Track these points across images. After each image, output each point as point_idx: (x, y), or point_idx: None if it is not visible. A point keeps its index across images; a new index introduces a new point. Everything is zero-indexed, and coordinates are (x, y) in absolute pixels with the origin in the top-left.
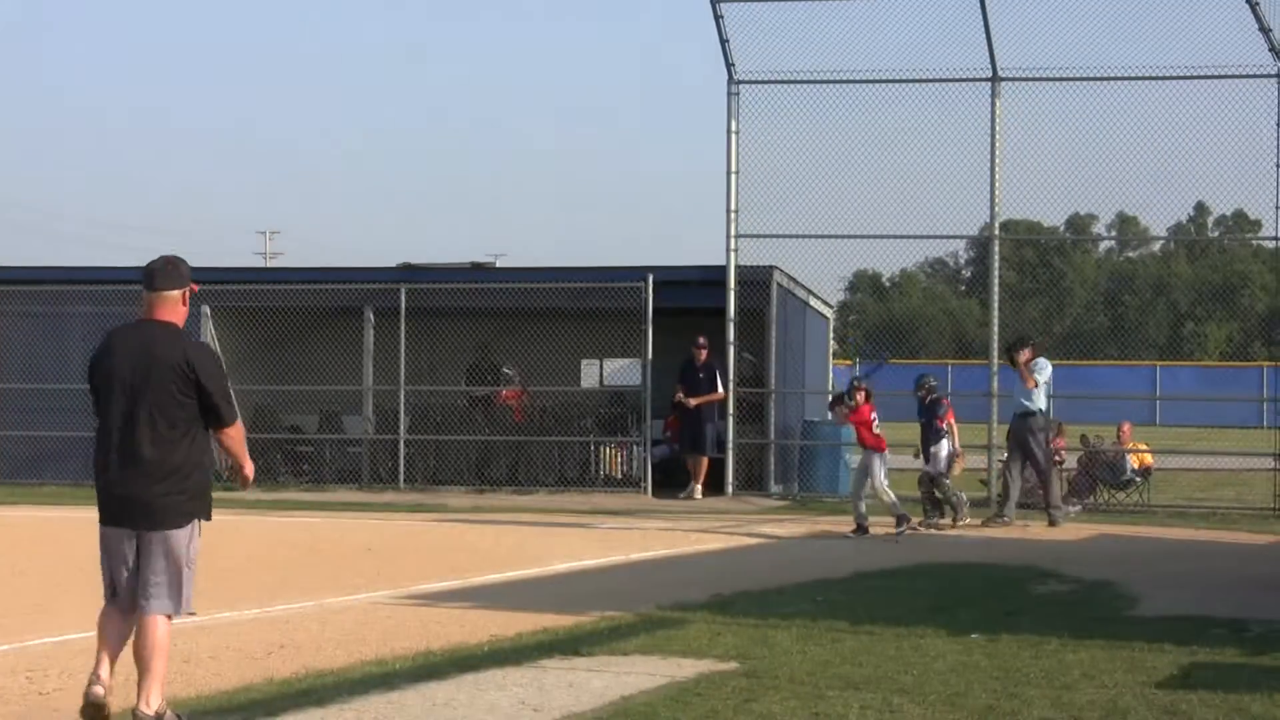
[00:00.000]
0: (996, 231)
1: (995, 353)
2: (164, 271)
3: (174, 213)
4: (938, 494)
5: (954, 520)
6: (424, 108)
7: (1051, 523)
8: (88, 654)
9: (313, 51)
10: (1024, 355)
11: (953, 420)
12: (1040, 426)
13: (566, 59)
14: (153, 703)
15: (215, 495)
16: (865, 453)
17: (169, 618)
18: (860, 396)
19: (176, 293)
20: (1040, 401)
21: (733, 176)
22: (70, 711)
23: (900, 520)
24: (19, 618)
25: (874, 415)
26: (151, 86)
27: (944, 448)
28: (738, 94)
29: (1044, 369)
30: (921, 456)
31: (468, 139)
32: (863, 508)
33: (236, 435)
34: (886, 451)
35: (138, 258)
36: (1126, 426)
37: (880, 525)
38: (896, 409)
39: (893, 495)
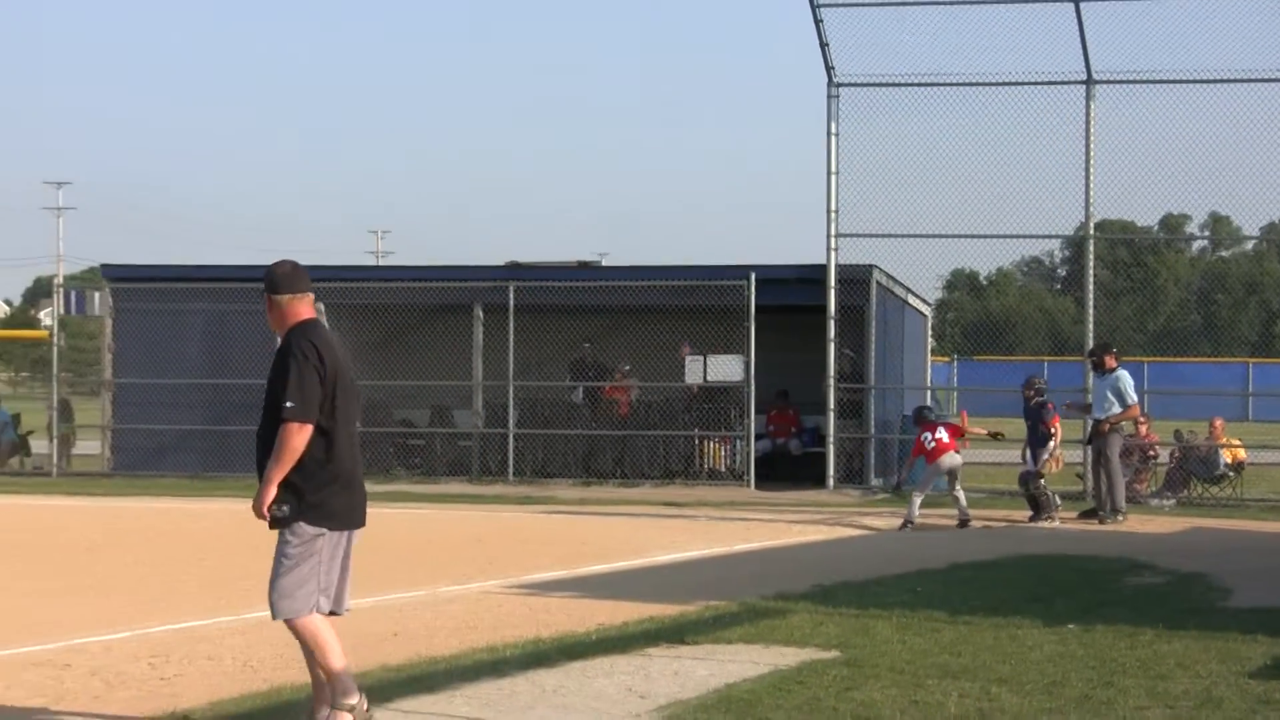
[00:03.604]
0: (1091, 231)
1: (1088, 350)
2: (306, 273)
3: (288, 212)
4: (1032, 491)
5: (1048, 517)
6: (529, 111)
7: (1101, 521)
8: (207, 640)
9: (422, 60)
10: (1109, 361)
11: (1058, 424)
12: (1115, 431)
13: (672, 64)
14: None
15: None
16: (939, 459)
17: None
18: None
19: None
20: (1115, 411)
21: (833, 177)
22: (190, 696)
23: (906, 524)
24: (140, 606)
25: (925, 435)
26: (272, 93)
27: (1049, 450)
28: (837, 96)
29: (1127, 381)
30: (1029, 456)
31: (574, 140)
32: (963, 501)
33: None
34: (940, 460)
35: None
36: (1219, 422)
37: (936, 518)
38: (992, 403)
39: (917, 499)
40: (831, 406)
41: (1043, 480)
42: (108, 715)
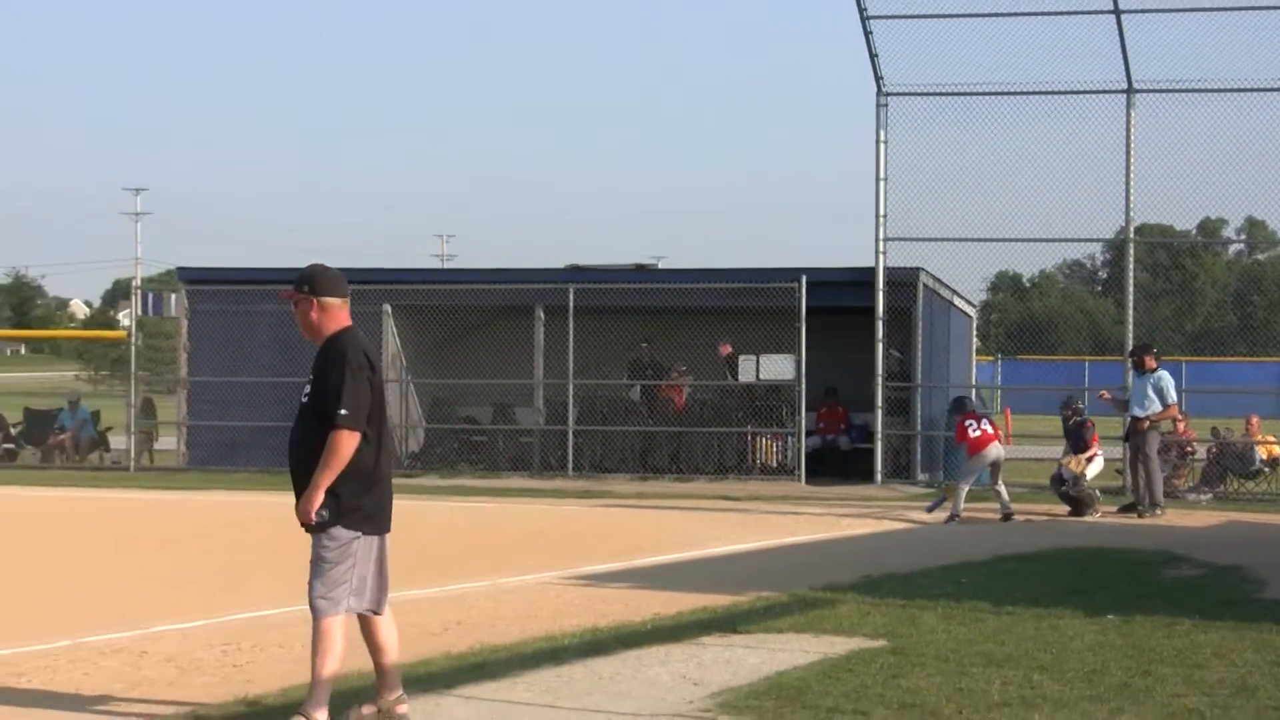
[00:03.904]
0: (1131, 235)
1: (1129, 350)
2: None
3: (355, 216)
4: (1073, 493)
5: (1091, 512)
6: (590, 120)
7: (1140, 515)
8: (279, 629)
9: (487, 71)
10: (1149, 362)
11: (1097, 441)
12: (1153, 428)
13: (726, 74)
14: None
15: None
16: (984, 450)
17: None
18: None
19: None
20: (1155, 409)
21: (881, 183)
22: (263, 683)
23: (952, 517)
24: (214, 595)
25: (969, 424)
26: (340, 106)
27: (1094, 467)
28: (886, 105)
29: (1167, 381)
30: (1066, 470)
31: (634, 147)
32: (1005, 495)
33: None
34: (984, 452)
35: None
36: (1255, 419)
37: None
38: (1035, 401)
39: (963, 491)
40: (879, 404)
41: (1082, 480)
42: (183, 700)
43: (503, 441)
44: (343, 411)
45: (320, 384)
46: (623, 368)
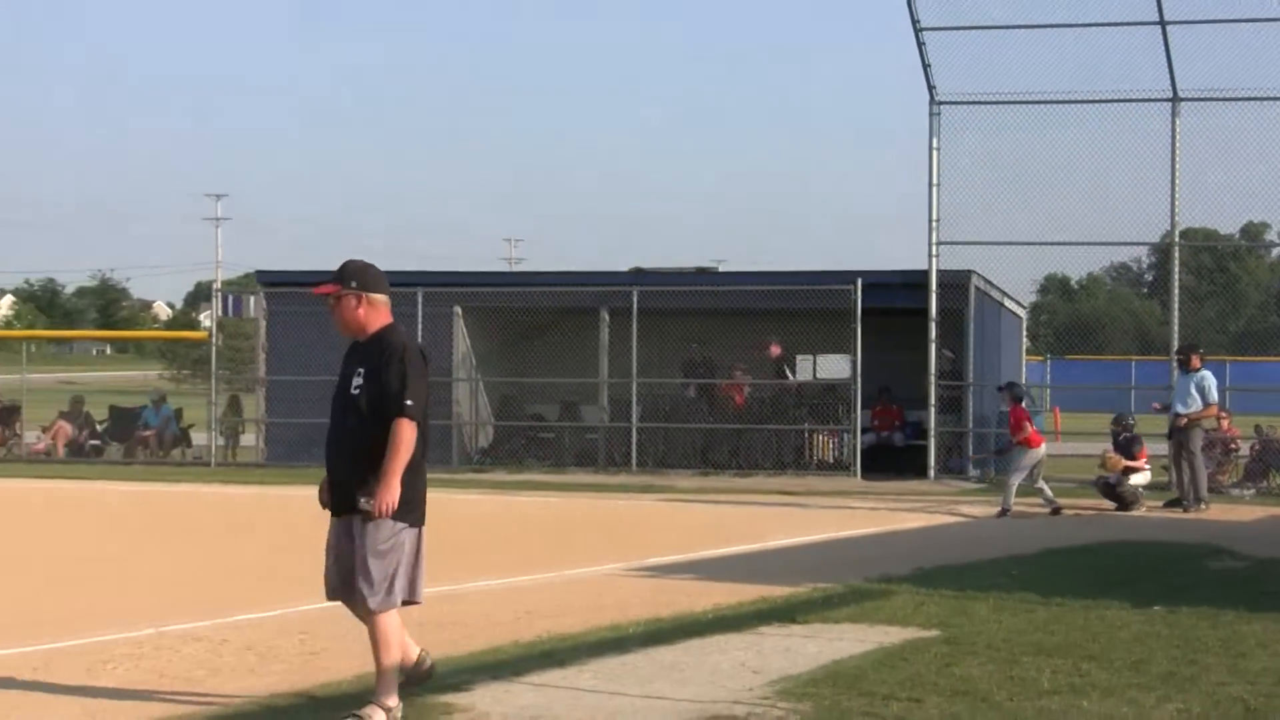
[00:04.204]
0: (1176, 239)
1: (1175, 349)
2: None
3: (424, 221)
4: (1119, 491)
5: (1134, 508)
6: (654, 129)
7: (1185, 510)
8: (353, 619)
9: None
10: (1194, 362)
11: (1145, 455)
12: (1196, 426)
13: (785, 84)
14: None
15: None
16: (1037, 446)
17: None
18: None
19: None
20: (1196, 408)
21: (934, 189)
22: (338, 670)
23: (1003, 511)
24: (289, 586)
25: (1026, 423)
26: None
27: (1139, 478)
28: (938, 114)
29: (1210, 380)
30: (1113, 476)
31: (695, 155)
32: (1048, 491)
33: None
34: (1038, 448)
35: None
36: None
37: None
38: (1081, 400)
39: (1014, 486)
40: (932, 402)
41: (1124, 480)
42: (262, 686)
43: (569, 438)
44: (409, 403)
45: (379, 378)
46: (678, 367)
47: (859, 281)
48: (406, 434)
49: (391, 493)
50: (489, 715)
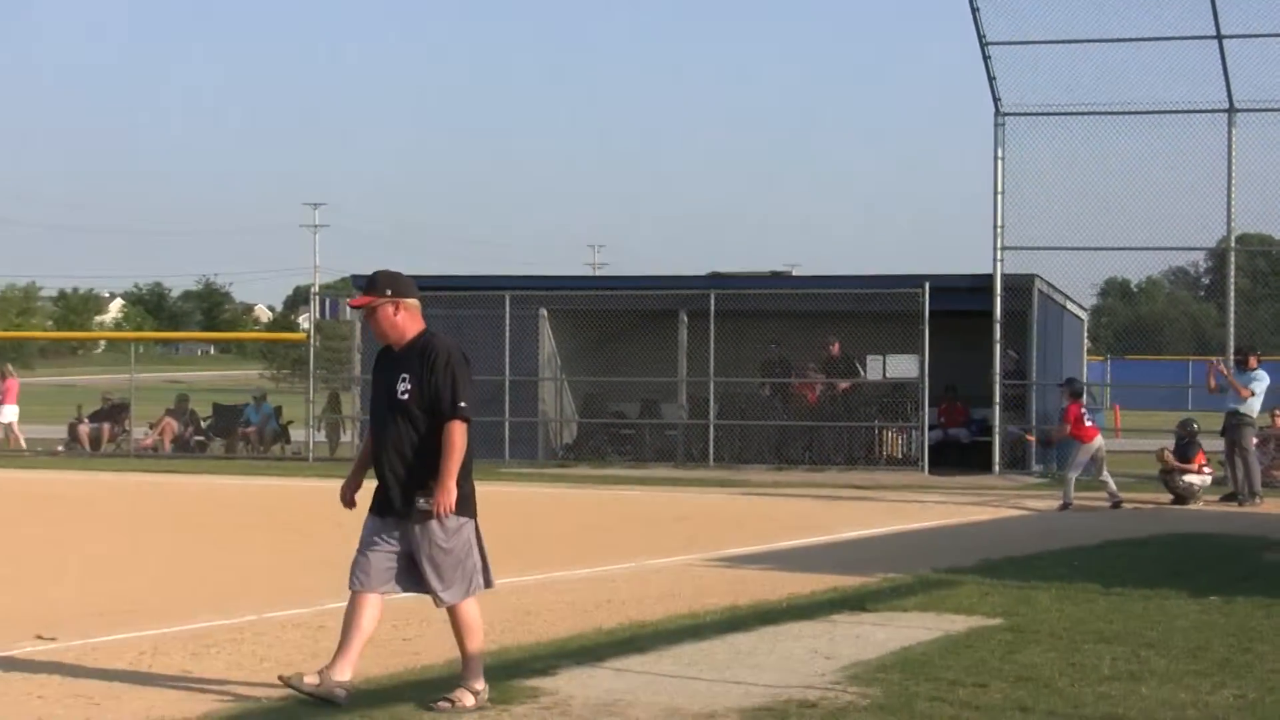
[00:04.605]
0: (1232, 244)
1: (1231, 350)
2: None
3: (512, 227)
4: (1173, 487)
5: (1192, 502)
6: (732, 138)
7: (1240, 503)
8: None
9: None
10: (1251, 362)
11: (1203, 458)
12: (1248, 424)
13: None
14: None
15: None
16: (1092, 440)
17: None
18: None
19: None
20: (1254, 406)
21: (999, 196)
22: (429, 655)
23: (1064, 505)
24: None
25: (1083, 412)
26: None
27: (1202, 480)
28: (1003, 124)
29: (1263, 380)
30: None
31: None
32: (1113, 484)
33: None
34: (1091, 443)
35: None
36: None
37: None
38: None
39: (1073, 480)
40: (997, 401)
41: (1184, 479)
42: (358, 670)
43: (649, 434)
44: (462, 405)
45: (427, 381)
46: (757, 367)
47: (927, 285)
48: (460, 436)
49: (450, 493)
50: (572, 699)
